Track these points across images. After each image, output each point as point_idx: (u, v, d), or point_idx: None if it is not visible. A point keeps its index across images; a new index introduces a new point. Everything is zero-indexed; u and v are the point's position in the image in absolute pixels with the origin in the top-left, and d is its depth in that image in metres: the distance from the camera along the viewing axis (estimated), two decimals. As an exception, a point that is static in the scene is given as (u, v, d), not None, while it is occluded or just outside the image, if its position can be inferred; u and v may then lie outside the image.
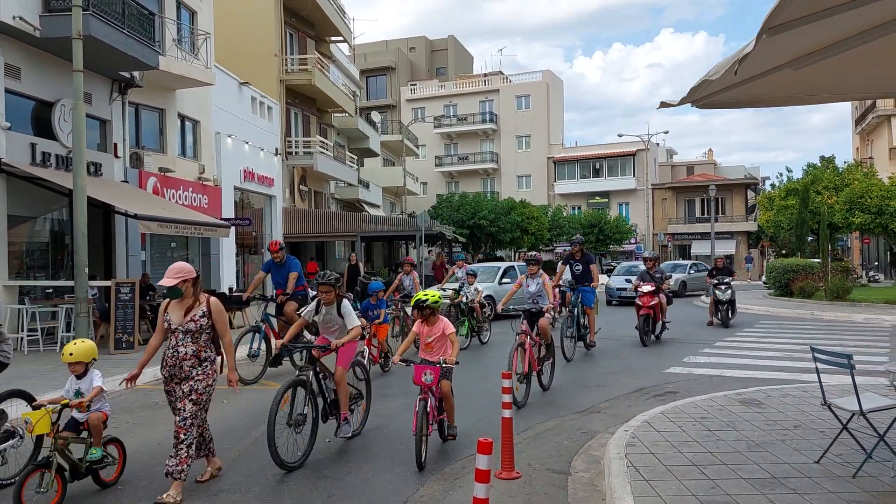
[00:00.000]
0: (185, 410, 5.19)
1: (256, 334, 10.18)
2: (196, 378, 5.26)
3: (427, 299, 6.25)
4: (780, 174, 68.07)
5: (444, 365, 5.93)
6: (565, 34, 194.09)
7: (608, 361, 11.55)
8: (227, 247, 21.70)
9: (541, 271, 9.24)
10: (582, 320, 11.93)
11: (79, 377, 5.35)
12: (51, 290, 14.16)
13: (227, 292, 17.90)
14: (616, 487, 4.85)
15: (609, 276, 28.09)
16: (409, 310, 11.21)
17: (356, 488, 5.37)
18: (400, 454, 6.17)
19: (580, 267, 12.10)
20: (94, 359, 5.44)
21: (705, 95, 4.93)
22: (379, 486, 5.41)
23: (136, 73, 16.31)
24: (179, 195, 18.47)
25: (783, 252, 44.33)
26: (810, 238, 36.09)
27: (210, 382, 5.33)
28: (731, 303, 16.70)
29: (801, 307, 21.29)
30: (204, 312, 5.33)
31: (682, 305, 23.24)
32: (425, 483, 5.47)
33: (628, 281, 24.09)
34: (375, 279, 19.37)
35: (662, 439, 6.05)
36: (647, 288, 13.26)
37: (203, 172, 20.41)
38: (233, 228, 19.99)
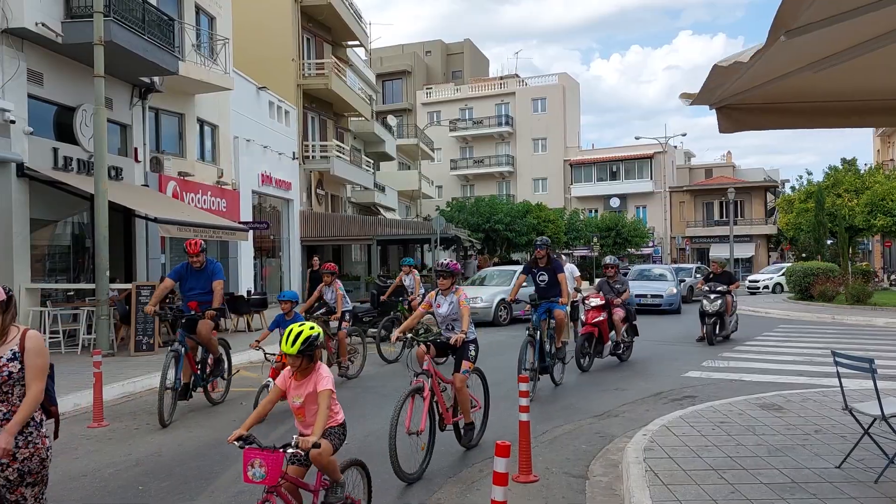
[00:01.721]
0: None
1: (176, 359, 8.00)
2: (22, 456, 3.36)
3: (301, 332, 3.93)
4: (801, 177, 67.57)
5: (295, 450, 3.78)
6: (581, 37, 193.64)
7: (625, 365, 11.50)
8: (246, 250, 21.87)
9: (457, 287, 6.59)
10: (548, 347, 9.13)
11: None
12: (72, 293, 14.34)
13: (245, 295, 18.03)
14: (635, 492, 4.83)
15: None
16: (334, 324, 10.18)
17: (374, 490, 5.38)
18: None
19: (545, 277, 9.38)
20: None
21: (726, 97, 4.90)
22: (396, 488, 5.42)
23: (156, 79, 16.49)
24: (198, 199, 18.64)
25: (803, 255, 43.88)
26: (830, 241, 35.72)
27: (44, 455, 3.45)
28: (720, 315, 13.95)
29: (821, 311, 21.05)
30: (14, 354, 3.44)
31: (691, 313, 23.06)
32: (442, 486, 5.47)
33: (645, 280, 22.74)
34: (391, 282, 19.35)
35: (681, 444, 6.01)
36: (594, 301, 10.97)
37: (222, 176, 20.58)
38: (251, 232, 20.13)
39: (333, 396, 4.11)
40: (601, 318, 10.85)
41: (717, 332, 13.98)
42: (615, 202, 55.73)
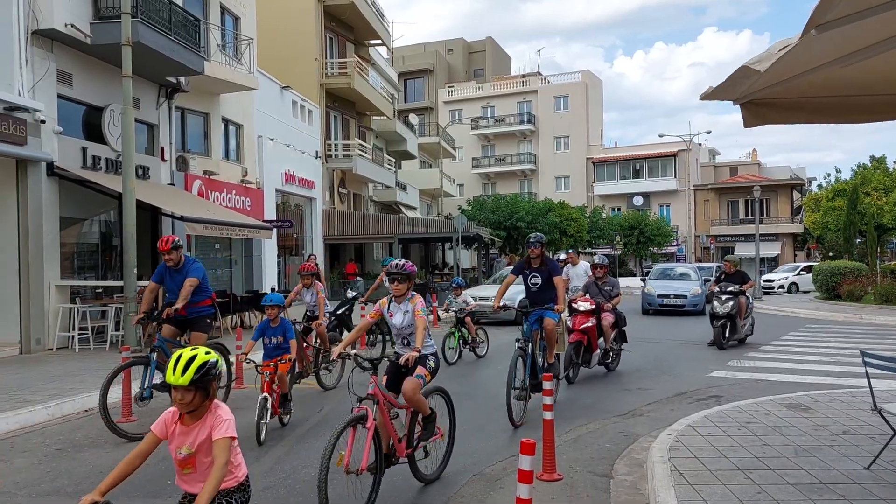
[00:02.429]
0: None
1: (146, 367, 7.44)
2: None
3: (194, 357, 3.00)
4: (828, 174, 66.55)
5: None
6: (605, 34, 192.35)
7: (650, 364, 11.43)
8: (270, 248, 22.07)
9: (413, 293, 5.44)
10: (540, 361, 7.86)
11: None
12: (100, 290, 14.57)
13: (269, 292, 18.17)
14: (660, 491, 4.81)
15: (645, 282, 24.20)
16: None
17: (397, 488, 5.41)
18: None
19: (538, 279, 8.10)
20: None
21: (750, 92, 4.86)
22: (415, 486, 5.44)
23: (182, 79, 16.68)
24: (223, 198, 18.84)
25: (830, 254, 43.27)
26: (858, 240, 35.19)
27: None
28: (731, 318, 12.95)
29: (849, 311, 20.75)
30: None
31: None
32: (466, 483, 5.49)
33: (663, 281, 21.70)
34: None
35: (707, 443, 5.97)
36: (584, 306, 9.73)
37: (246, 175, 20.78)
38: (275, 230, 20.30)
39: (235, 445, 3.05)
40: (590, 325, 9.61)
41: (727, 335, 12.95)
42: (638, 200, 55.32)
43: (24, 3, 12.42)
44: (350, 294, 14.75)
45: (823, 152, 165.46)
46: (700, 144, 59.97)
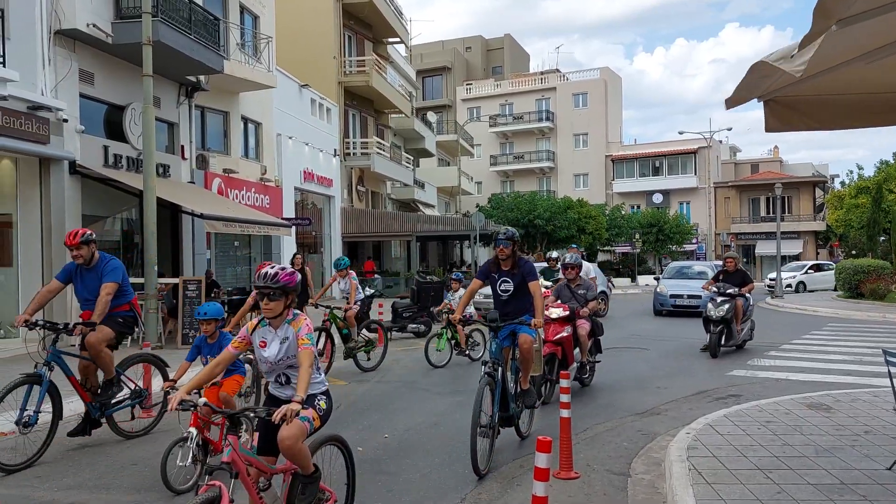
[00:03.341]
0: None
1: (36, 387, 6.03)
2: None
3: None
4: (851, 172, 65.62)
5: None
6: (625, 31, 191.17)
7: (668, 363, 11.35)
8: (288, 246, 22.19)
9: (295, 312, 4.05)
10: (511, 387, 6.37)
11: None
12: (122, 287, 14.72)
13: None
14: (678, 490, 4.77)
15: (658, 280, 22.85)
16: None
17: (415, 484, 5.43)
18: (457, 452, 6.20)
19: (510, 285, 6.49)
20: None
21: (774, 88, 4.79)
22: (437, 482, 5.45)
23: (201, 77, 16.82)
24: (243, 195, 18.98)
25: (853, 252, 42.71)
26: (882, 238, 34.68)
27: None
28: (727, 323, 11.65)
29: (871, 310, 20.47)
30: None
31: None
32: (483, 481, 5.49)
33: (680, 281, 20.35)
34: (430, 277, 19.45)
35: (726, 443, 5.92)
36: (556, 312, 8.34)
37: (265, 173, 20.92)
38: (293, 228, 20.42)
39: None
40: (565, 334, 8.14)
41: (722, 342, 11.72)
42: (658, 198, 54.92)
43: (46, 4, 12.59)
44: (368, 291, 14.80)
45: (846, 149, 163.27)
46: (721, 141, 59.38)
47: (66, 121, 12.94)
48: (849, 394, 8.03)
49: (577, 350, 8.70)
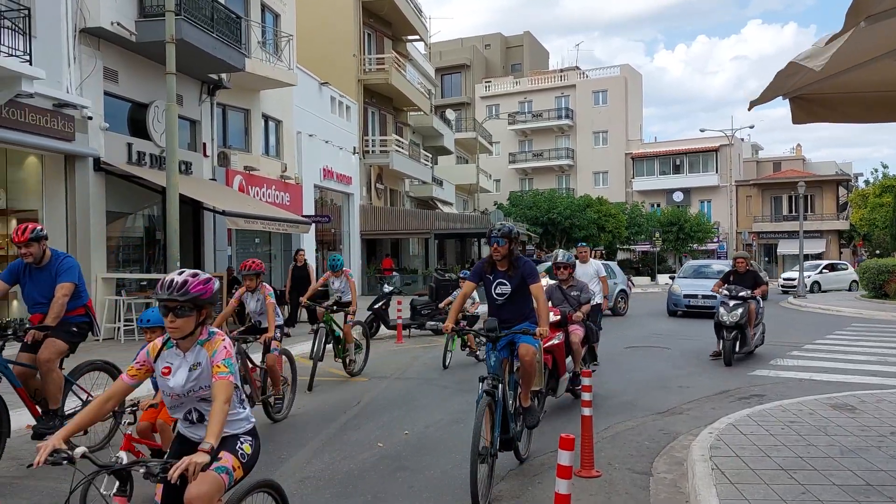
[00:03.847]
0: None
1: None
2: None
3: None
4: (875, 170, 64.70)
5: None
6: (645, 28, 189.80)
7: (689, 362, 11.27)
8: (308, 243, 22.29)
9: (211, 332, 3.26)
10: (511, 404, 5.56)
11: None
12: (144, 283, 14.91)
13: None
14: (701, 490, 4.74)
15: (673, 279, 21.91)
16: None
17: (435, 480, 5.44)
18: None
19: (507, 288, 5.70)
20: None
21: (800, 86, 4.74)
22: (458, 479, 5.45)
23: (223, 75, 16.95)
24: (263, 193, 19.10)
25: (877, 252, 42.10)
26: (908, 237, 34.16)
27: None
28: (741, 328, 10.94)
29: (897, 310, 20.19)
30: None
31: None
32: (504, 478, 5.49)
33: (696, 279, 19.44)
34: (448, 275, 19.49)
35: (749, 443, 5.87)
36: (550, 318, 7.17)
37: (285, 171, 21.03)
38: (313, 225, 20.52)
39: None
40: (556, 342, 7.24)
41: (737, 348, 11.02)
42: (678, 196, 54.51)
43: (72, 2, 12.75)
44: (387, 289, 14.88)
45: (871, 147, 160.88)
46: (742, 139, 58.77)
47: (90, 118, 13.10)
48: (874, 394, 7.93)
49: (570, 359, 7.66)
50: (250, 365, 7.00)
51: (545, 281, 7.72)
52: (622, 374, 10.08)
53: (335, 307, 9.80)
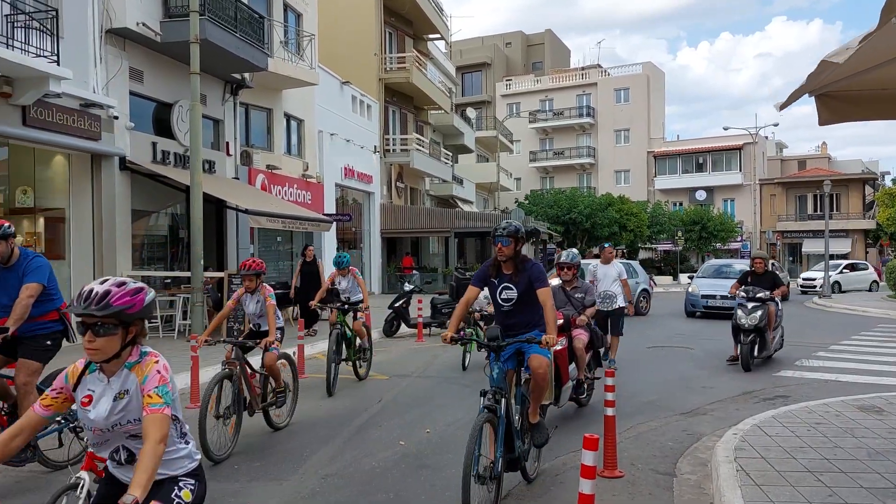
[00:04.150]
0: None
1: None
2: None
3: None
4: (903, 168, 63.47)
5: None
6: (668, 25, 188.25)
7: (713, 362, 11.16)
8: (329, 241, 22.42)
9: (143, 352, 2.76)
10: (517, 420, 5.15)
11: None
12: (169, 281, 15.08)
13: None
14: (725, 491, 4.70)
15: (692, 278, 21.05)
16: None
17: (456, 479, 5.40)
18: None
19: (513, 293, 5.22)
20: None
21: (827, 83, 4.67)
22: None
23: (246, 75, 17.08)
24: (285, 191, 19.23)
25: (905, 252, 41.39)
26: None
27: None
28: (760, 332, 10.37)
29: (925, 311, 19.84)
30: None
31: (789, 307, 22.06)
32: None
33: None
34: (469, 274, 19.44)
35: (774, 444, 5.81)
36: None
37: (307, 170, 21.16)
38: (334, 224, 20.61)
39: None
40: (559, 347, 6.60)
41: (755, 353, 10.46)
42: (701, 195, 53.98)
43: (98, 3, 12.92)
44: (407, 287, 14.91)
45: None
46: (767, 137, 58.07)
47: (116, 118, 13.27)
48: (902, 397, 7.81)
49: (573, 365, 7.19)
50: (249, 371, 6.56)
51: (553, 281, 7.43)
52: (645, 375, 10.02)
53: (346, 307, 9.27)
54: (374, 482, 5.39)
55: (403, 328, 14.76)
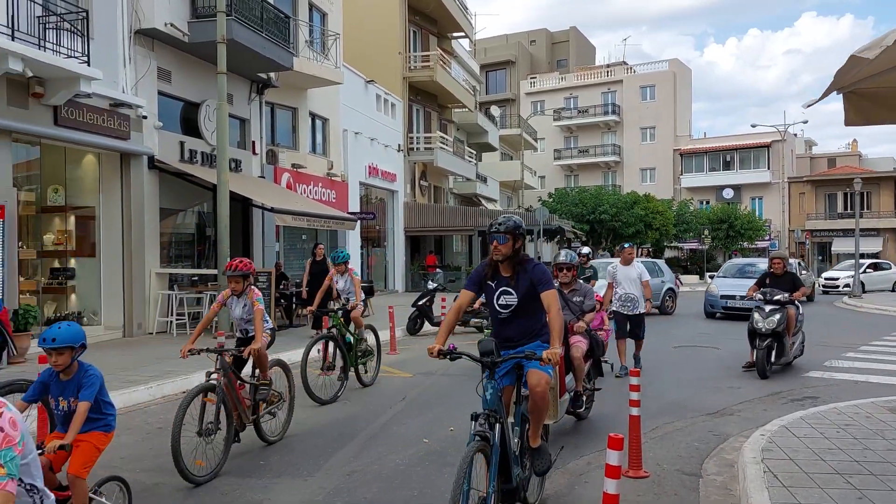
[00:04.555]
0: None
1: None
2: None
3: None
4: (936, 165, 62.09)
5: None
6: (695, 22, 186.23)
7: (740, 362, 11.01)
8: (353, 239, 22.54)
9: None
10: (516, 445, 4.47)
11: None
12: (196, 278, 15.27)
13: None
14: (752, 493, 4.65)
15: (712, 277, 20.48)
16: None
17: (481, 477, 5.45)
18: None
19: (513, 298, 4.55)
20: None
21: (856, 80, 4.60)
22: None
23: (272, 74, 17.22)
24: (310, 190, 19.37)
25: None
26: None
27: None
28: (778, 337, 9.70)
29: (960, 311, 19.41)
30: None
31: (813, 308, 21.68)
32: (550, 477, 5.45)
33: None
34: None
35: (802, 445, 5.73)
36: None
37: (331, 168, 21.29)
38: (358, 222, 20.72)
39: None
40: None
41: (772, 359, 9.77)
42: (728, 193, 53.34)
43: (127, 5, 13.11)
44: (430, 286, 14.94)
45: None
46: (796, 135, 57.20)
47: (145, 117, 13.46)
48: (935, 399, 7.65)
49: (570, 376, 6.64)
50: (238, 383, 6.07)
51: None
52: (671, 374, 9.93)
53: (339, 311, 8.75)
54: (398, 479, 5.42)
55: (427, 326, 14.80)
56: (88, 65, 11.43)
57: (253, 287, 6.40)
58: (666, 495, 5.05)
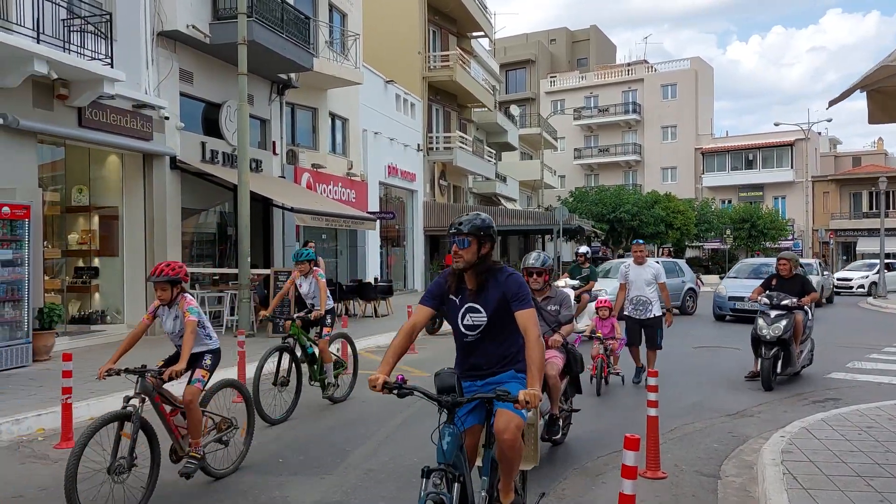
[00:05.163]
0: None
1: None
2: None
3: None
4: (965, 164, 60.97)
5: None
6: (717, 19, 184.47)
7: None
8: (373, 239, 22.64)
9: None
10: (483, 497, 3.54)
11: None
12: (217, 277, 15.42)
13: (372, 282, 18.68)
14: (772, 494, 4.61)
15: (722, 278, 19.83)
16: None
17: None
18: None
19: (481, 316, 3.67)
20: None
21: (880, 78, 4.54)
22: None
23: (292, 75, 17.35)
24: (330, 190, 19.48)
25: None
26: None
27: None
28: (784, 345, 8.87)
29: None
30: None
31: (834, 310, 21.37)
32: (567, 476, 5.46)
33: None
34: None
35: (823, 447, 5.67)
36: None
37: (351, 168, 21.39)
38: (378, 221, 20.79)
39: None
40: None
41: (778, 369, 8.99)
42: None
43: (150, 7, 13.28)
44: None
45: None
46: (819, 133, 56.44)
47: (167, 118, 13.61)
48: (961, 401, 7.53)
49: (545, 395, 5.62)
50: (168, 409, 5.19)
51: (562, 282, 5.94)
52: (690, 375, 9.86)
53: (308, 317, 7.80)
54: (415, 478, 5.41)
55: (446, 325, 14.80)
56: (112, 67, 11.58)
57: (185, 295, 5.31)
58: (684, 496, 5.02)
